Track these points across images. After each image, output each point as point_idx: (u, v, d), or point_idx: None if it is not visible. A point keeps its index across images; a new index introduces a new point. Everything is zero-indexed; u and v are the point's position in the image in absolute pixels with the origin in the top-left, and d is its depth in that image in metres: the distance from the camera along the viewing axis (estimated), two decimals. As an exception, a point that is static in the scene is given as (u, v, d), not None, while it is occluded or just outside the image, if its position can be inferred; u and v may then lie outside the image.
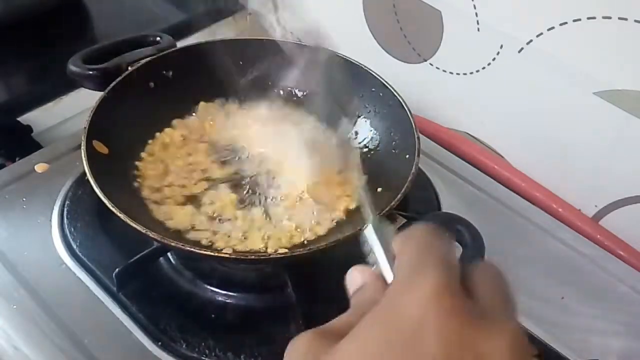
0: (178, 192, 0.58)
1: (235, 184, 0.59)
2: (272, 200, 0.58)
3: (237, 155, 0.63)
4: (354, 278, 0.29)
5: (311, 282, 0.53)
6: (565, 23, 0.59)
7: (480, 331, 0.23)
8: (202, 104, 0.66)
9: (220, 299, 0.54)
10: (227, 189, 0.59)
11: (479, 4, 0.66)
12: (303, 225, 0.55)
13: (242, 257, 0.50)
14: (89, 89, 0.61)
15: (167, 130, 0.63)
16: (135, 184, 0.57)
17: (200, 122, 0.65)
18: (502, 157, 0.74)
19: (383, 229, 0.32)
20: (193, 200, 0.57)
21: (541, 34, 0.62)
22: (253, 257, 0.50)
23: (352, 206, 0.57)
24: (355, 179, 0.57)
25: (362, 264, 0.30)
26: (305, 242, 0.54)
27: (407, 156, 0.56)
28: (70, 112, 0.77)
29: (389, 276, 0.28)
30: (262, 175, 0.60)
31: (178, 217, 0.55)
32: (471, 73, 0.71)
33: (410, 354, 0.22)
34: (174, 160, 0.61)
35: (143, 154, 0.60)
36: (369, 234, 0.31)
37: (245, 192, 0.59)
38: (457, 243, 0.47)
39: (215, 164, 0.61)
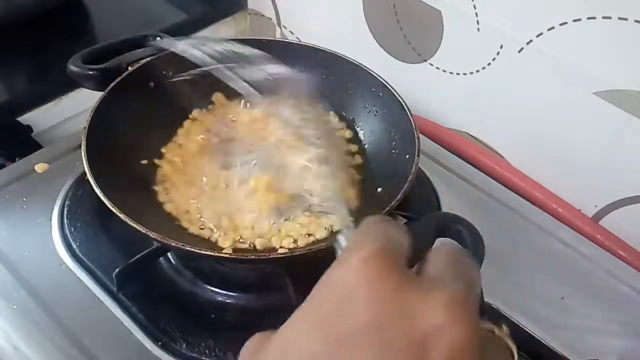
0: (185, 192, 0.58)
1: (240, 181, 0.59)
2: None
3: (239, 154, 0.62)
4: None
5: (311, 282, 0.53)
6: (565, 23, 0.59)
7: (414, 296, 0.21)
8: (218, 97, 0.66)
9: (220, 299, 0.54)
10: (230, 187, 0.59)
11: (479, 4, 0.66)
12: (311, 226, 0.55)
13: (242, 257, 0.50)
14: (89, 89, 0.61)
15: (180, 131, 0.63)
16: (136, 183, 0.58)
17: (208, 120, 0.65)
18: (502, 157, 0.74)
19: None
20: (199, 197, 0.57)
21: (541, 34, 0.62)
22: (253, 257, 0.50)
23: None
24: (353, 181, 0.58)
25: None
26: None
27: (407, 156, 0.56)
28: (70, 112, 0.77)
29: None
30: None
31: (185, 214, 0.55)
32: (471, 73, 0.71)
33: (342, 322, 0.21)
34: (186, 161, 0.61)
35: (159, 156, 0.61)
36: (340, 239, 0.31)
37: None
38: (457, 243, 0.47)
39: (218, 163, 0.61)
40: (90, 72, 0.60)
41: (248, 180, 0.57)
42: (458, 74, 0.73)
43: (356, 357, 0.20)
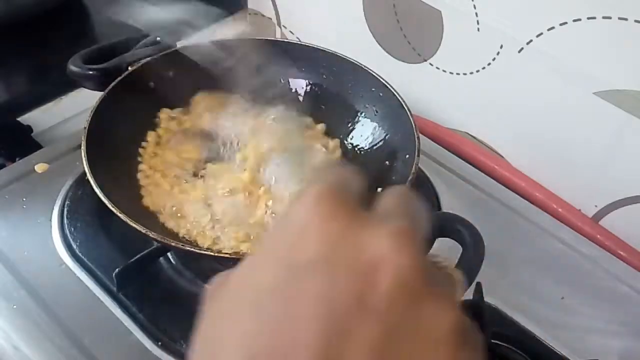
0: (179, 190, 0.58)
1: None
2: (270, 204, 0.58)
3: (236, 153, 0.62)
4: None
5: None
6: (565, 23, 0.59)
7: (362, 230, 0.23)
8: (199, 97, 0.66)
9: (220, 299, 0.54)
10: (227, 188, 0.59)
11: (479, 4, 0.66)
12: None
13: (242, 257, 0.50)
14: (89, 89, 0.61)
15: (162, 126, 0.63)
16: (136, 183, 0.58)
17: (197, 117, 0.65)
18: (502, 157, 0.74)
19: None
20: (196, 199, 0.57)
21: (541, 34, 0.62)
22: (253, 257, 0.50)
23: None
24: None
25: None
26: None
27: (407, 156, 0.56)
28: (70, 112, 0.77)
29: None
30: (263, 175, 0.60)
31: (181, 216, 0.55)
32: (471, 73, 0.71)
33: (295, 255, 0.22)
34: (173, 158, 0.61)
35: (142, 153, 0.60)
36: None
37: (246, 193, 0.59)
38: (457, 243, 0.47)
39: (212, 161, 0.61)
40: (90, 72, 0.60)
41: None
42: (458, 74, 0.73)
43: (308, 286, 0.21)
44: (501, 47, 0.66)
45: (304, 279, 0.22)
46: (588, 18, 0.57)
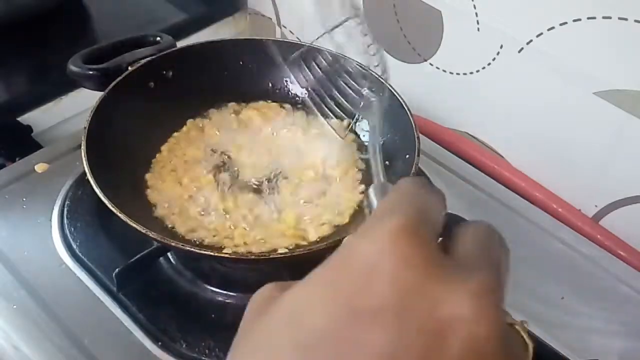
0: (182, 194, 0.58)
1: (241, 185, 0.59)
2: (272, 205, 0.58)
3: (238, 156, 0.62)
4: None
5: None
6: (565, 23, 0.59)
7: (442, 282, 0.20)
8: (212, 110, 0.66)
9: (220, 299, 0.54)
10: (229, 189, 0.59)
11: (479, 4, 0.66)
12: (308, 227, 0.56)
13: (242, 257, 0.50)
14: (89, 89, 0.61)
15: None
16: (136, 183, 0.58)
17: (203, 124, 0.65)
18: (502, 157, 0.74)
19: (384, 187, 0.31)
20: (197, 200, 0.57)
21: (541, 34, 0.62)
22: (253, 257, 0.50)
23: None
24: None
25: None
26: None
27: (407, 156, 0.56)
28: (70, 112, 0.77)
29: None
30: (265, 178, 0.60)
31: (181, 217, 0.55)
32: (471, 73, 0.71)
33: (360, 300, 0.20)
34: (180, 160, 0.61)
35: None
36: (371, 194, 0.30)
37: (249, 192, 0.59)
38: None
39: (216, 166, 0.61)
40: (90, 72, 0.60)
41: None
42: (458, 74, 0.73)
43: (369, 337, 0.19)
44: (501, 47, 0.66)
45: (366, 328, 0.19)
46: (588, 18, 0.57)
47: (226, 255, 0.49)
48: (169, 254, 0.57)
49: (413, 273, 0.20)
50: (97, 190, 0.49)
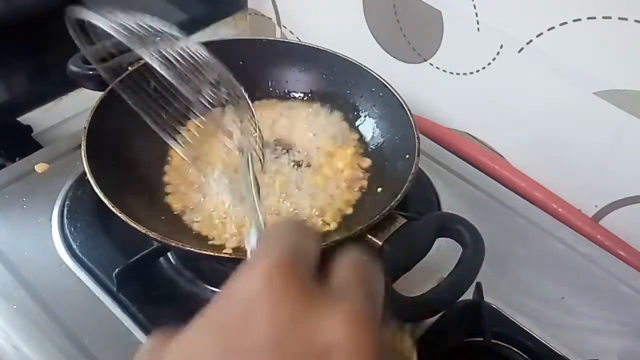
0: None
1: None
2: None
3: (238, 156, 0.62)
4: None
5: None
6: (565, 23, 0.59)
7: (317, 313, 0.21)
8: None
9: (220, 299, 0.54)
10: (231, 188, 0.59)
11: (479, 4, 0.66)
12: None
13: (242, 257, 0.50)
14: (89, 89, 0.61)
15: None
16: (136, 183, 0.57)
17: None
18: (502, 157, 0.74)
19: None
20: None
21: (541, 34, 0.62)
22: (253, 257, 0.50)
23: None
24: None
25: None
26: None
27: (407, 156, 0.56)
28: (70, 112, 0.77)
29: None
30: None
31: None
32: (471, 73, 0.71)
33: (242, 337, 0.21)
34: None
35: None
36: (251, 237, 0.31)
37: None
38: (457, 243, 0.47)
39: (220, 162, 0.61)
40: (90, 72, 0.60)
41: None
42: (458, 74, 0.73)
43: None
44: (501, 47, 0.66)
45: None
46: (588, 18, 0.57)
47: (226, 255, 0.49)
48: (169, 254, 0.57)
49: (288, 307, 0.21)
50: (97, 190, 0.49)
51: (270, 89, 0.68)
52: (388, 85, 0.62)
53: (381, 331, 0.22)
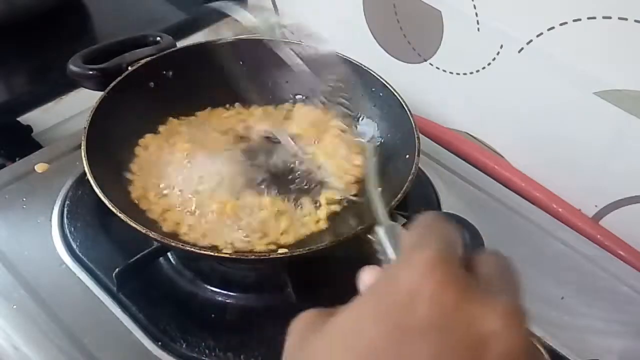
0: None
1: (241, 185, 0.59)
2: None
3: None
4: (364, 278, 0.30)
5: (311, 282, 0.53)
6: (565, 23, 0.59)
7: (475, 303, 0.23)
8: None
9: (220, 299, 0.54)
10: (225, 191, 0.59)
11: (479, 4, 0.66)
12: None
13: (241, 257, 0.50)
14: (89, 89, 0.61)
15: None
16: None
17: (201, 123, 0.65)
18: (502, 157, 0.74)
19: (393, 228, 0.33)
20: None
21: (541, 34, 0.62)
22: (253, 257, 0.50)
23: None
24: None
25: (373, 264, 0.31)
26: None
27: (407, 156, 0.56)
28: (70, 112, 0.77)
29: None
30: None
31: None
32: (471, 73, 0.71)
33: (405, 318, 0.23)
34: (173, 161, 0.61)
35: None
36: (379, 233, 0.32)
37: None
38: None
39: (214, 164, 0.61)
40: (90, 72, 0.60)
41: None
42: (458, 74, 0.73)
43: (416, 352, 0.22)
44: (501, 47, 0.66)
45: (413, 344, 0.22)
46: (588, 18, 0.57)
47: (226, 255, 0.49)
48: (169, 254, 0.57)
49: (450, 295, 0.23)
50: (97, 190, 0.49)
51: (270, 89, 0.68)
52: (388, 85, 0.62)
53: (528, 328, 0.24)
